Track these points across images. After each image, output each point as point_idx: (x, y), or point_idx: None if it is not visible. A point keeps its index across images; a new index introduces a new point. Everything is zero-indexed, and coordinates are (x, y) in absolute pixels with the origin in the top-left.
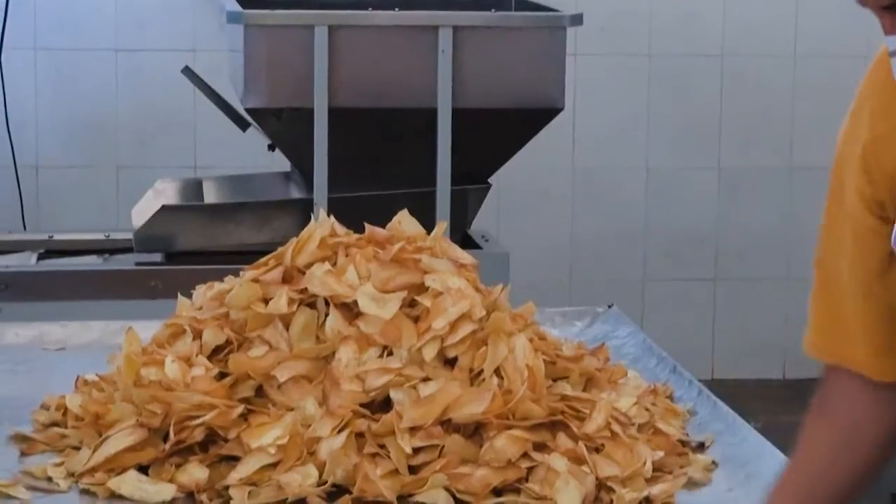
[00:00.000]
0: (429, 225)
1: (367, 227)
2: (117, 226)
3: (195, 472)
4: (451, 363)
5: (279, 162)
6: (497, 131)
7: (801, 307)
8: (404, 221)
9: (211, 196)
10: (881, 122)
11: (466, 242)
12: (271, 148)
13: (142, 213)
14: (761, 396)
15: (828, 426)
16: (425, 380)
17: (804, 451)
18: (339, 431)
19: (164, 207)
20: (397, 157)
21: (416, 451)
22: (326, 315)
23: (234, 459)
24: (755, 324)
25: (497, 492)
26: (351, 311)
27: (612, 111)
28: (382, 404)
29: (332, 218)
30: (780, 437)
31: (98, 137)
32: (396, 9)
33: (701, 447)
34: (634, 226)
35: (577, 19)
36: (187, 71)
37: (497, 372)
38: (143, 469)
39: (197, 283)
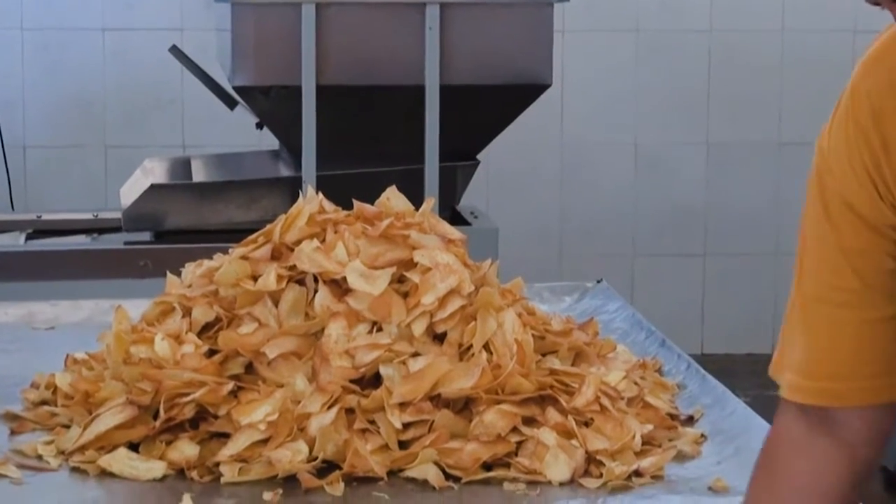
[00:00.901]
0: (417, 202)
1: (356, 203)
2: (106, 205)
3: (186, 449)
4: (440, 338)
5: (267, 140)
6: (485, 108)
7: (790, 281)
8: (393, 198)
9: (199, 175)
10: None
11: (455, 219)
12: (259, 126)
13: (130, 192)
14: (750, 370)
15: (829, 445)
16: (415, 355)
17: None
18: (329, 407)
19: (152, 186)
20: (385, 135)
21: (406, 426)
22: (315, 291)
23: (224, 436)
24: (744, 298)
25: (487, 466)
26: (340, 287)
27: (599, 87)
28: (372, 380)
29: (321, 195)
30: (769, 411)
31: (86, 117)
32: None
33: (690, 420)
34: (623, 201)
35: None
36: (175, 50)
37: (486, 347)
38: (133, 447)
39: (186, 262)
